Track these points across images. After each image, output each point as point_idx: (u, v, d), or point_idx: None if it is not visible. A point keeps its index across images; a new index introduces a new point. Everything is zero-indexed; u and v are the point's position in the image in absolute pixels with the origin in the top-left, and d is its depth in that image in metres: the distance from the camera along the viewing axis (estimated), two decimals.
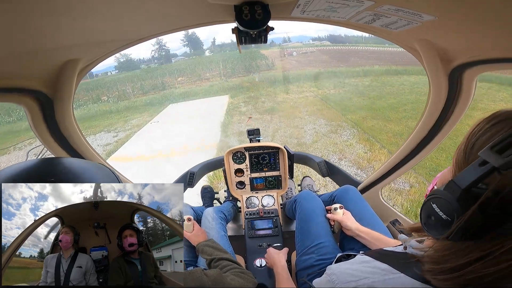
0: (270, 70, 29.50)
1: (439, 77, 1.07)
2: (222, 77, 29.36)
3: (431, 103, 1.19)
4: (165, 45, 60.86)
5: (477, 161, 0.46)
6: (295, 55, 37.51)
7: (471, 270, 0.45)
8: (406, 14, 0.72)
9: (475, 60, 0.92)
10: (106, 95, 28.45)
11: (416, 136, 1.38)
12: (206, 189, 2.39)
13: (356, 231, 1.26)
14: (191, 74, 33.18)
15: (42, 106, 1.11)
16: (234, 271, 0.99)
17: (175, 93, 24.59)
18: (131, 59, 59.62)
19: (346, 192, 1.59)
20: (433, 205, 0.51)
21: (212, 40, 62.25)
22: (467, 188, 0.46)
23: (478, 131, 0.53)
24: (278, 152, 2.01)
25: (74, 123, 1.24)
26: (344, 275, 0.65)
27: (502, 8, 0.60)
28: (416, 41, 0.97)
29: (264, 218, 1.91)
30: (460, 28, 0.77)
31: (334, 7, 0.77)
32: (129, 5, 0.71)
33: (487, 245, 0.45)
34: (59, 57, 0.96)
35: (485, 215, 0.44)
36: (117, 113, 20.04)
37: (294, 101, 14.74)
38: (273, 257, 1.39)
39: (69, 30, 0.77)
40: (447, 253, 0.51)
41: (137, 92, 28.49)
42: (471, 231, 0.45)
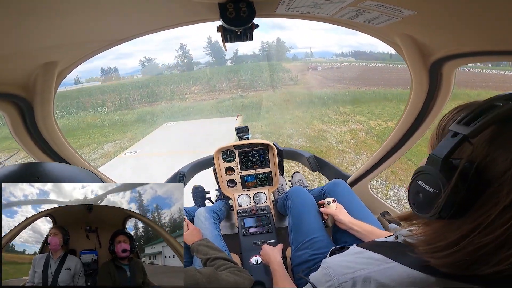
0: (295, 85, 25.61)
1: (420, 71, 1.10)
2: (238, 89, 26.30)
3: (413, 96, 1.22)
4: (188, 52, 60.04)
5: (449, 134, 0.49)
6: (320, 70, 35.44)
7: (468, 243, 0.46)
8: (387, 9, 0.73)
9: (453, 53, 0.94)
10: (111, 101, 26.34)
11: (401, 129, 1.41)
12: (198, 189, 2.33)
13: (349, 224, 1.27)
14: (207, 84, 30.61)
15: (21, 111, 1.09)
16: (230, 270, 0.99)
17: (177, 107, 20.47)
18: (155, 64, 60.35)
19: (336, 186, 1.60)
20: (419, 182, 0.53)
21: (235, 50, 60.87)
22: (446, 157, 0.48)
23: (446, 118, 0.59)
24: (268, 149, 2.00)
25: (55, 127, 1.22)
26: (339, 267, 0.65)
27: (476, 3, 0.61)
28: (398, 36, 0.99)
29: (257, 216, 1.90)
30: (438, 22, 0.79)
31: (318, 3, 0.77)
32: (109, 5, 0.70)
33: (475, 216, 0.46)
34: (36, 60, 0.94)
35: (467, 184, 0.46)
36: (100, 128, 16.12)
37: (338, 137, 9.70)
38: (269, 254, 1.37)
39: (47, 31, 0.75)
40: (437, 232, 0.53)
41: (142, 100, 26.18)
42: (458, 204, 0.46)
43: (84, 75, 52.48)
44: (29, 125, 1.14)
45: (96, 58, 15.36)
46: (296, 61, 47.48)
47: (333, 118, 12.44)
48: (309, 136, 10.24)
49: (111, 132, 14.70)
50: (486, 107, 0.48)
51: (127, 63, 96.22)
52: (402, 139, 1.47)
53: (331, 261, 0.69)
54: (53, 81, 1.04)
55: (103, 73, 59.43)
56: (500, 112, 0.46)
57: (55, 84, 1.07)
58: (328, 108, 14.58)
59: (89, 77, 54.02)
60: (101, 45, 1.04)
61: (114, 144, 12.10)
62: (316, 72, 33.53)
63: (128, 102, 24.99)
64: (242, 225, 1.85)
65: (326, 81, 25.75)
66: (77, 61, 1.11)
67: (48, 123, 1.17)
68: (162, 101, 24.40)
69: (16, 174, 0.50)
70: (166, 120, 16.29)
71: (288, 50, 60.91)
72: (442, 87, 1.14)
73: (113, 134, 14.19)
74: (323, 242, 1.27)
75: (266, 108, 16.20)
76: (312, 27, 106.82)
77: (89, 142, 13.15)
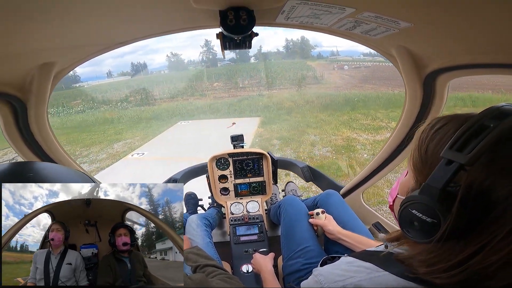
0: (319, 84, 23.70)
1: (414, 83, 1.11)
2: (260, 87, 24.86)
3: (407, 108, 1.23)
4: (212, 49, 59.37)
5: (442, 161, 0.48)
6: (347, 69, 32.62)
7: (474, 263, 0.46)
8: (385, 21, 0.74)
9: (447, 66, 0.96)
10: (134, 96, 26.16)
11: (394, 140, 1.42)
12: (190, 196, 2.31)
13: (338, 234, 1.27)
14: (229, 81, 29.51)
15: (14, 111, 1.09)
16: (220, 277, 0.97)
17: (194, 105, 19.44)
18: (181, 59, 61.18)
19: (328, 196, 1.60)
20: (413, 211, 0.51)
21: (259, 47, 60.45)
22: (444, 188, 0.47)
23: (425, 137, 0.57)
24: (262, 158, 1.99)
25: (48, 129, 1.22)
26: (330, 275, 0.66)
27: (472, 16, 0.64)
28: (394, 47, 1.01)
29: (249, 224, 1.89)
30: (434, 35, 0.81)
31: (317, 14, 0.78)
32: (109, 8, 0.70)
33: (480, 238, 0.45)
34: (34, 60, 0.95)
35: (468, 210, 0.45)
36: (116, 124, 15.70)
37: (370, 148, 8.28)
38: (260, 263, 1.37)
39: (45, 32, 0.75)
40: (437, 253, 0.51)
41: (164, 96, 25.72)
42: (459, 229, 0.46)
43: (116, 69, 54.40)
44: (21, 126, 1.13)
45: (126, 53, 14.52)
46: (321, 59, 45.69)
47: (363, 124, 10.81)
48: (335, 145, 8.82)
49: (124, 130, 14.27)
50: (476, 128, 0.47)
51: (155, 58, 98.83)
52: (395, 151, 1.48)
53: (322, 270, 0.70)
54: (49, 82, 1.04)
55: (133, 68, 61.20)
56: (494, 135, 0.45)
57: (51, 85, 1.07)
58: (358, 112, 12.87)
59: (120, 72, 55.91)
60: (100, 48, 1.04)
61: (124, 144, 11.53)
62: (343, 72, 30.81)
63: (149, 97, 24.81)
64: (234, 233, 1.83)
65: (354, 81, 23.62)
66: (75, 63, 1.11)
67: (41, 124, 1.16)
68: (182, 97, 23.93)
69: (8, 172, 0.51)
70: (181, 119, 15.53)
71: (312, 48, 58.92)
72: (435, 100, 1.15)
73: (126, 132, 13.72)
74: (315, 252, 1.27)
75: (288, 109, 14.82)
76: None
77: (101, 139, 12.74)
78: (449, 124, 0.54)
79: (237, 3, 0.72)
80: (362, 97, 15.74)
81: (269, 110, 15.08)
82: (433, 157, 0.53)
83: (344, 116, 12.44)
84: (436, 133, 0.55)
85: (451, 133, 0.52)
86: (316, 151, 8.42)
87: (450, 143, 0.48)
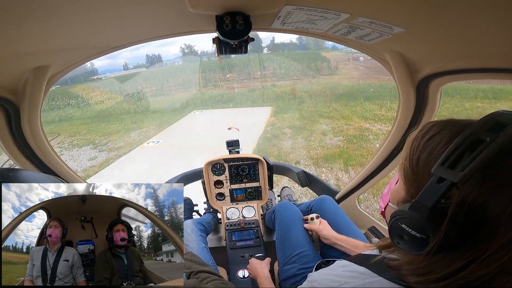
0: (333, 75, 23.25)
1: (407, 88, 1.12)
2: (273, 78, 24.71)
3: (401, 113, 1.24)
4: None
5: (433, 179, 0.47)
6: (362, 61, 31.70)
7: (462, 276, 0.46)
8: (379, 26, 0.75)
9: (440, 71, 0.97)
10: (149, 87, 26.89)
11: (389, 145, 1.44)
12: (185, 201, 2.28)
13: (333, 239, 1.28)
14: (242, 72, 29.09)
15: (7, 114, 1.08)
16: (214, 283, 0.96)
17: (207, 95, 19.67)
18: (195, 51, 61.83)
19: (322, 202, 1.61)
20: (402, 225, 0.51)
21: (272, 39, 59.54)
22: (433, 206, 0.46)
23: (416, 147, 0.55)
24: (258, 163, 2.00)
25: (41, 133, 1.21)
26: (325, 281, 0.65)
27: (464, 22, 0.64)
28: (387, 52, 1.02)
29: (245, 229, 1.89)
30: (426, 40, 0.82)
31: (312, 19, 0.79)
32: (105, 12, 0.70)
33: (470, 252, 0.45)
34: (27, 63, 0.94)
35: (458, 227, 0.45)
36: (132, 114, 16.17)
37: (382, 138, 8.09)
38: (256, 268, 1.36)
39: (39, 35, 0.75)
40: (427, 264, 0.51)
41: (178, 86, 26.41)
42: (448, 244, 0.46)
43: (132, 61, 55.24)
44: (14, 129, 1.13)
45: (142, 46, 14.91)
46: (336, 50, 44.69)
47: (377, 115, 10.63)
48: (347, 134, 8.74)
49: (140, 119, 14.71)
50: (470, 142, 0.45)
51: (170, 50, 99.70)
52: (390, 156, 1.49)
53: (317, 275, 0.69)
54: (43, 85, 1.03)
55: (148, 60, 62.18)
56: (490, 151, 0.42)
57: (45, 89, 1.06)
58: (372, 103, 12.65)
59: (136, 64, 56.92)
60: (95, 51, 1.04)
61: (140, 132, 11.96)
62: (358, 63, 30.18)
63: (164, 88, 25.27)
64: (230, 238, 1.83)
65: (370, 72, 22.76)
66: (69, 66, 1.10)
67: (34, 127, 1.16)
68: (196, 88, 24.22)
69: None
70: (195, 108, 15.82)
71: None
72: (428, 105, 1.16)
73: (142, 121, 14.14)
74: (311, 256, 1.27)
75: (300, 99, 14.78)
76: None
77: (120, 128, 13.21)
78: (442, 133, 0.52)
79: (233, 8, 0.73)
80: (377, 88, 15.42)
81: (281, 100, 15.08)
82: (424, 170, 0.52)
83: (358, 106, 12.26)
84: (428, 143, 0.53)
85: (443, 143, 0.50)
86: (328, 140, 8.40)
87: (442, 159, 0.46)
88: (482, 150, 0.42)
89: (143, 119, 14.79)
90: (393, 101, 12.53)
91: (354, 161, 6.62)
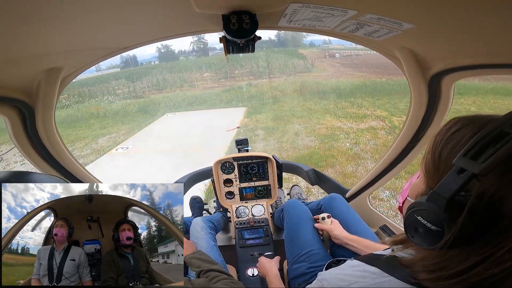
0: (309, 72, 23.40)
1: (419, 85, 1.09)
2: (250, 76, 24.18)
3: (413, 110, 1.22)
4: (203, 38, 59.07)
5: (454, 169, 0.46)
6: (338, 57, 33.08)
7: (475, 273, 0.45)
8: (387, 22, 0.74)
9: (452, 67, 0.94)
10: (122, 89, 25.35)
11: (400, 143, 1.41)
12: (195, 200, 2.34)
13: (345, 239, 1.26)
14: (219, 71, 28.61)
15: (22, 116, 1.10)
16: (224, 282, 0.96)
17: (181, 97, 18.86)
18: (172, 50, 60.18)
19: (332, 200, 1.58)
20: (418, 217, 0.50)
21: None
22: (452, 197, 0.45)
23: (440, 140, 0.54)
24: (267, 162, 1.99)
25: (55, 133, 1.23)
26: (335, 280, 0.64)
27: (475, 17, 0.62)
28: (397, 49, 1.00)
29: (255, 228, 1.88)
30: (437, 36, 0.80)
31: (319, 16, 0.78)
32: (114, 13, 0.71)
33: (485, 248, 0.44)
34: (41, 65, 0.95)
35: (475, 221, 0.43)
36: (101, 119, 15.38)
37: (353, 137, 8.24)
38: (265, 266, 1.35)
39: (52, 37, 0.76)
40: (440, 260, 0.50)
41: (152, 87, 24.95)
42: (464, 238, 0.45)
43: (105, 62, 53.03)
44: (29, 130, 1.14)
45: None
46: (314, 47, 45.52)
47: (349, 113, 10.80)
48: (319, 134, 8.78)
49: (110, 124, 13.93)
50: (495, 135, 0.44)
51: (146, 49, 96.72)
52: (401, 153, 1.46)
53: (327, 274, 0.69)
54: (56, 87, 1.05)
55: (122, 60, 59.74)
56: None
57: (58, 90, 1.07)
58: (345, 100, 12.87)
59: (109, 64, 54.51)
60: (105, 52, 1.05)
61: (109, 138, 11.29)
62: (334, 59, 31.17)
63: (138, 90, 24.30)
64: (240, 237, 1.83)
65: (344, 69, 23.44)
66: (81, 68, 1.12)
67: (49, 128, 1.17)
68: (171, 89, 23.43)
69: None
70: (168, 111, 15.31)
71: (304, 36, 58.45)
72: (441, 101, 1.13)
73: (112, 126, 13.39)
74: (320, 255, 1.25)
75: (275, 98, 14.69)
76: None
77: (86, 134, 12.46)
78: (466, 128, 0.51)
79: (239, 7, 0.73)
80: (350, 85, 15.67)
81: (256, 99, 14.89)
82: (446, 163, 0.51)
83: (331, 104, 12.44)
84: (452, 137, 0.52)
85: (467, 138, 0.49)
86: (300, 141, 8.39)
87: (465, 150, 0.45)
88: (506, 143, 0.41)
89: (112, 123, 14.03)
90: (365, 98, 12.86)
91: (324, 162, 6.61)
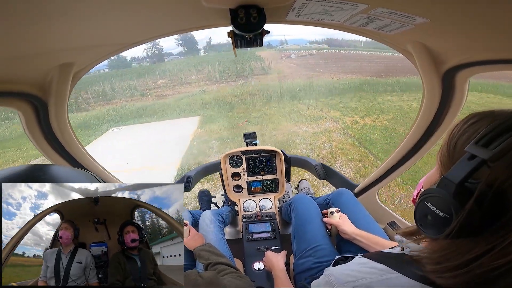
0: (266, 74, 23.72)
1: (432, 80, 1.07)
2: (206, 82, 23.83)
3: (425, 105, 1.20)
4: (158, 44, 58.00)
5: (465, 156, 0.46)
6: (294, 58, 33.73)
7: (479, 265, 0.44)
8: (399, 16, 0.72)
9: (466, 62, 0.92)
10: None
11: (412, 138, 1.38)
12: (204, 193, 2.34)
13: (353, 235, 1.25)
14: (175, 77, 27.60)
15: (36, 110, 1.11)
16: (232, 275, 0.98)
17: (128, 108, 17.25)
18: (123, 57, 57.62)
19: (340, 195, 1.57)
20: (428, 204, 0.50)
21: (208, 40, 58.96)
22: (461, 183, 0.45)
23: (457, 131, 0.54)
24: (275, 156, 1.99)
25: (69, 127, 1.24)
26: (342, 276, 0.65)
27: (491, 11, 0.60)
28: (410, 43, 0.97)
29: (262, 222, 1.89)
30: (451, 30, 0.78)
31: (328, 10, 0.77)
32: (123, 9, 0.71)
33: (491, 239, 0.44)
34: (53, 61, 0.96)
35: (483, 209, 0.44)
36: None
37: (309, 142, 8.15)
38: (272, 260, 1.36)
39: (63, 33, 0.76)
40: (446, 252, 0.50)
41: (99, 98, 22.69)
42: (471, 227, 0.45)
43: None
44: (43, 124, 1.16)
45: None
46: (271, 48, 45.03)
47: (304, 115, 10.81)
48: (275, 140, 8.55)
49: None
50: (507, 125, 0.45)
51: None
52: (412, 149, 1.43)
53: (334, 270, 0.69)
54: (69, 82, 1.06)
55: None
56: None
57: (71, 85, 1.08)
58: (300, 102, 12.91)
59: None
60: (116, 48, 1.05)
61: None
62: (290, 60, 31.73)
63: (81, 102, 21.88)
64: (247, 230, 1.83)
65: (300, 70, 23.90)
66: (92, 63, 1.12)
67: (62, 122, 1.18)
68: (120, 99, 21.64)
69: (19, 176, 0.50)
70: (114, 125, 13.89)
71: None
72: (455, 97, 1.11)
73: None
74: (326, 251, 1.25)
75: (230, 105, 14.18)
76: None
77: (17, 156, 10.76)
78: (483, 120, 0.51)
79: (247, 1, 0.71)
80: (305, 87, 15.83)
81: (210, 107, 14.26)
82: (460, 153, 0.51)
83: (286, 108, 12.34)
84: (468, 129, 0.52)
85: (483, 129, 0.48)
86: None
87: (477, 138, 0.46)
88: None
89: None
90: (319, 99, 13.00)
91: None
